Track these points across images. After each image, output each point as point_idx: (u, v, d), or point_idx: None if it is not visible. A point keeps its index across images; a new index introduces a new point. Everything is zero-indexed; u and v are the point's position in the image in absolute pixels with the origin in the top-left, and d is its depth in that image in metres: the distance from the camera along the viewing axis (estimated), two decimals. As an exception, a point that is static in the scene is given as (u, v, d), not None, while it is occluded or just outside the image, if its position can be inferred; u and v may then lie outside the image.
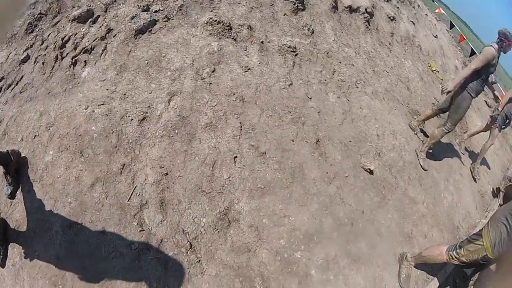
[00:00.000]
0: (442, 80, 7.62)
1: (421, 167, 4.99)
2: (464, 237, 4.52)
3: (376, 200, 4.05)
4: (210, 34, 4.38)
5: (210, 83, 3.89)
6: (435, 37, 8.94)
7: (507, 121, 6.37)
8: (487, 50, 4.39)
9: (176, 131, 3.45)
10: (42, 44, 4.07)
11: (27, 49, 4.04)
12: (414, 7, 8.87)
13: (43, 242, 2.84)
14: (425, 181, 4.87)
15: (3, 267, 2.90)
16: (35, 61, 3.95)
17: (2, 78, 3.88)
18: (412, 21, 8.08)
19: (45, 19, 4.25)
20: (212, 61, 4.09)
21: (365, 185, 4.07)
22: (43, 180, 3.08)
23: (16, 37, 4.13)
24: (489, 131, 6.60)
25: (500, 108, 6.06)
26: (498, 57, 4.51)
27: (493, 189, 6.65)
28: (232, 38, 4.46)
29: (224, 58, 4.20)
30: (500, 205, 5.90)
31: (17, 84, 3.85)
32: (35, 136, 3.31)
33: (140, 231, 2.92)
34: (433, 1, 14.56)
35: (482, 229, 3.11)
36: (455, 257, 3.18)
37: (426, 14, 9.62)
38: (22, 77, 3.87)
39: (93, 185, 3.03)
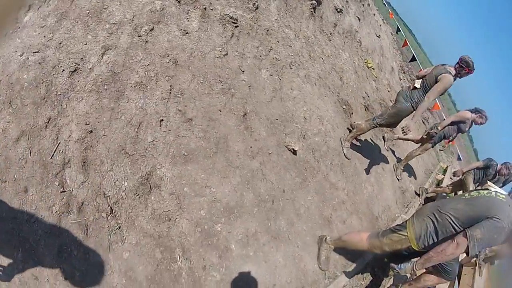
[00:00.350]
0: (376, 77, 8.08)
1: (344, 155, 5.29)
2: (384, 228, 4.88)
3: (297, 181, 4.28)
4: None
5: (146, 42, 3.86)
6: (377, 36, 9.47)
7: (445, 140, 6.86)
8: (447, 80, 4.52)
9: (106, 87, 3.37)
10: None
11: None
12: (363, 4, 9.32)
13: None
14: (347, 169, 5.19)
15: None
16: None
17: None
18: (358, 17, 8.50)
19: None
20: (152, 19, 4.05)
21: (288, 165, 4.28)
22: None
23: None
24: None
25: (440, 128, 6.47)
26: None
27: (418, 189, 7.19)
28: (177, 0, 4.44)
29: (164, 18, 4.17)
30: (421, 205, 6.42)
31: None
32: None
33: (61, 192, 2.80)
34: (384, 5, 15.34)
35: (406, 221, 3.37)
36: (377, 245, 3.40)
37: (374, 14, 10.14)
38: None
39: (18, 139, 2.87)
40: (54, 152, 2.93)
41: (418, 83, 4.90)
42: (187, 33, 4.24)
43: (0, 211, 2.59)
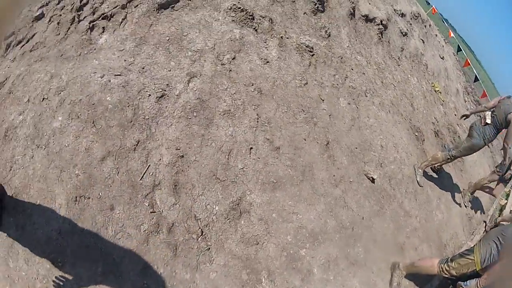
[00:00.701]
0: (443, 101, 8.03)
1: (418, 183, 5.35)
2: (450, 255, 4.92)
3: (375, 209, 4.36)
4: (233, 20, 4.58)
5: (230, 70, 4.09)
6: (441, 58, 9.39)
7: None
8: None
9: (195, 114, 3.59)
10: (58, 3, 3.99)
11: (42, 6, 3.94)
12: (425, 25, 9.29)
13: (45, 214, 2.77)
14: (420, 197, 5.22)
15: None
16: (49, 20, 3.87)
17: (12, 33, 3.74)
18: (422, 40, 8.49)
19: (63, -22, 4.18)
20: (233, 48, 4.28)
21: (367, 193, 4.38)
22: (49, 147, 3.03)
23: (31, -8, 3.99)
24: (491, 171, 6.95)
25: None
26: None
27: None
28: (254, 29, 4.67)
29: (244, 47, 4.40)
30: (486, 232, 6.34)
31: (28, 41, 3.76)
32: (43, 98, 3.27)
33: (151, 212, 2.96)
34: (443, 22, 15.20)
35: (474, 245, 3.53)
36: (446, 269, 3.56)
37: (436, 35, 10.07)
38: (34, 35, 3.80)
39: (104, 158, 3.03)
40: (144, 174, 3.09)
41: (488, 118, 5.12)
42: (267, 62, 4.45)
43: (80, 226, 2.75)
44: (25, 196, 2.84)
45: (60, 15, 3.91)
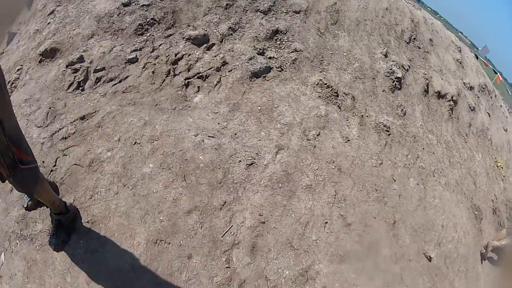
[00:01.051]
0: (504, 176, 7.80)
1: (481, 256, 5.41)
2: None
3: (427, 286, 4.35)
4: (319, 96, 4.81)
5: (315, 146, 4.29)
6: (505, 130, 9.06)
7: None
8: None
9: (280, 185, 3.82)
10: (152, 51, 4.19)
11: (135, 50, 4.14)
12: (491, 97, 8.98)
13: (119, 247, 2.95)
14: (470, 275, 5.13)
15: (57, 251, 2.86)
16: (144, 67, 4.06)
17: (103, 68, 3.93)
18: (488, 113, 8.23)
19: (158, 27, 4.37)
20: (318, 124, 4.48)
21: (423, 270, 4.40)
22: (136, 189, 3.24)
23: (124, 33, 4.21)
24: None
25: None
26: None
27: None
28: (337, 106, 4.86)
29: (328, 124, 4.59)
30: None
31: (120, 81, 3.94)
32: (135, 142, 3.49)
33: (226, 267, 3.17)
34: (507, 90, 14.64)
35: None
36: None
37: (501, 105, 9.72)
38: (127, 77, 3.98)
39: (190, 212, 3.26)
40: (226, 232, 3.34)
41: None
42: (348, 140, 4.61)
43: (155, 266, 2.97)
44: (102, 226, 3.04)
45: (155, 64, 4.13)
